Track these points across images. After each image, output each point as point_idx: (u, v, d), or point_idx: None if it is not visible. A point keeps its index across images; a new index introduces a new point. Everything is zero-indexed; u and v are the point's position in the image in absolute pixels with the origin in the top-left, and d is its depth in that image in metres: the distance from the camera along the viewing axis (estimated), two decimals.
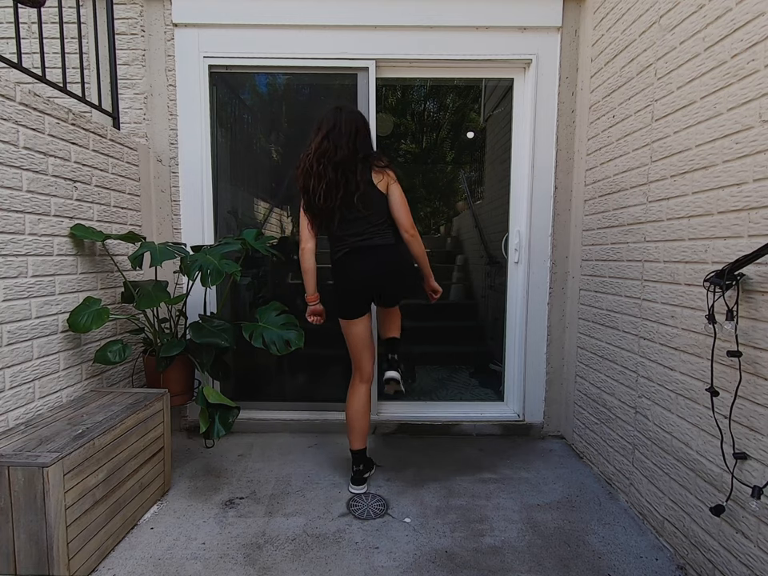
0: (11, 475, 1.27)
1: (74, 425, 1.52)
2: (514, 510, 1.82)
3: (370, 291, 1.85)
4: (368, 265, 1.80)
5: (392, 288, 1.87)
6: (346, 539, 1.63)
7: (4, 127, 1.50)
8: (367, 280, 1.81)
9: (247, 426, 2.52)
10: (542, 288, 2.47)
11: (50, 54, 2.10)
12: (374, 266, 1.80)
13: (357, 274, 1.81)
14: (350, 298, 1.85)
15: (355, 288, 1.83)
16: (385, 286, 1.84)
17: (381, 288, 1.85)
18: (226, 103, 2.60)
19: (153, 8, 2.32)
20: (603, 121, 2.08)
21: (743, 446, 1.27)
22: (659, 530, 1.64)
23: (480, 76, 2.54)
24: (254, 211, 2.84)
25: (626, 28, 1.89)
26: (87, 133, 1.92)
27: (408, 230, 1.81)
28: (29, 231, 1.61)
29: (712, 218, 1.40)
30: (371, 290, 1.85)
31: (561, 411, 2.52)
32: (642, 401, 1.76)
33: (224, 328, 1.96)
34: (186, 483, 2.00)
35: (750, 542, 1.24)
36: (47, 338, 1.70)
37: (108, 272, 2.05)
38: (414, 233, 1.82)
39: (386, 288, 1.85)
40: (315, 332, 2.07)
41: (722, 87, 1.37)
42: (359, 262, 1.80)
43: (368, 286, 1.83)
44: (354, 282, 1.82)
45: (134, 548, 1.58)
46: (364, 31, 2.33)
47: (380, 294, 1.87)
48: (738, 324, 1.27)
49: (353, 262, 1.81)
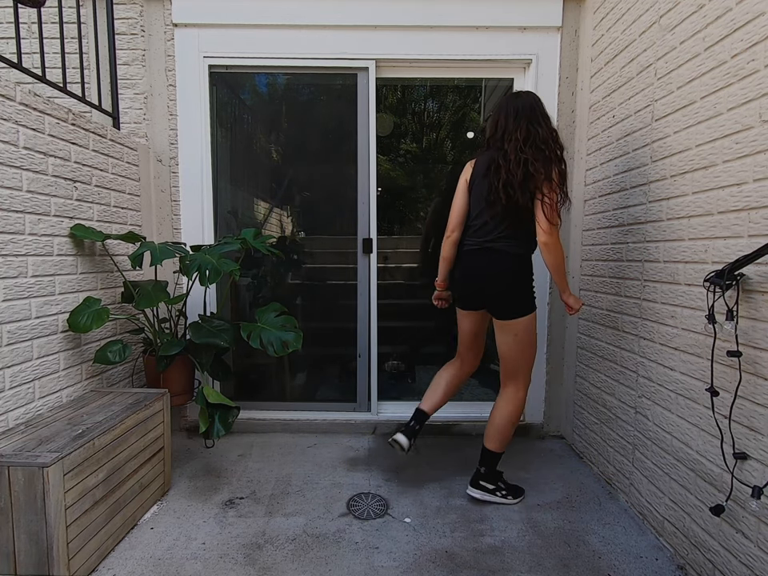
0: (11, 475, 1.27)
1: (74, 425, 1.52)
2: (513, 509, 1.82)
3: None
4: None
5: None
6: (346, 539, 1.63)
7: (4, 127, 1.50)
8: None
9: (247, 426, 2.51)
10: (542, 288, 2.47)
11: (50, 54, 2.10)
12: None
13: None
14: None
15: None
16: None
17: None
18: (226, 103, 2.60)
19: (153, 8, 2.32)
20: (603, 121, 2.08)
21: (743, 445, 1.27)
22: (659, 530, 1.64)
23: (480, 76, 2.54)
24: (254, 211, 2.84)
25: (625, 28, 1.89)
26: (87, 133, 1.92)
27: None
28: (29, 231, 1.61)
29: (712, 218, 1.40)
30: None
31: (561, 411, 2.51)
32: (642, 401, 1.76)
33: (223, 328, 1.96)
34: (186, 483, 2.00)
35: (750, 541, 1.24)
36: (47, 338, 1.70)
37: (108, 272, 2.05)
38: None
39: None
40: (315, 332, 2.07)
41: (722, 87, 1.36)
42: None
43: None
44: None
45: (134, 548, 1.58)
46: (364, 31, 2.33)
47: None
48: (737, 324, 1.27)
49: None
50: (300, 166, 2.74)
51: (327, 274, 2.77)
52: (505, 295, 1.71)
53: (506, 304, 1.72)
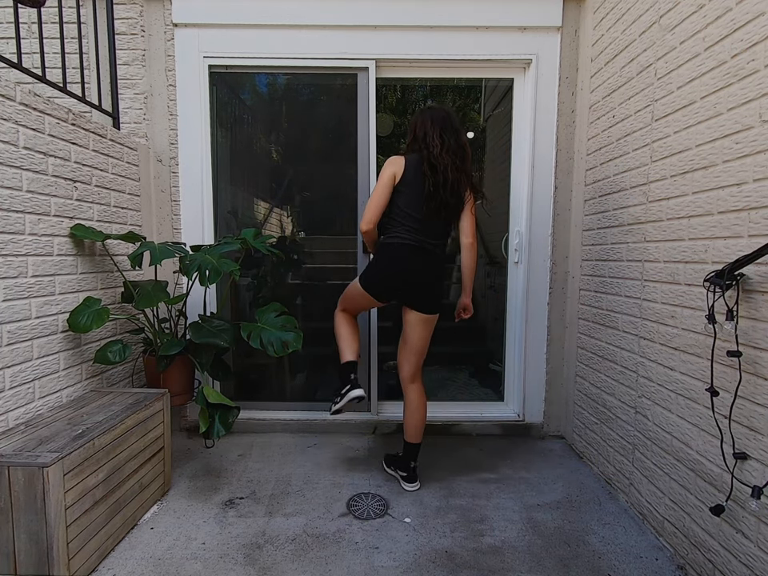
0: (11, 475, 1.27)
1: (74, 425, 1.52)
2: (514, 509, 1.82)
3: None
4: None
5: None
6: (346, 539, 1.63)
7: (4, 127, 1.50)
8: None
9: (247, 426, 2.52)
10: (542, 288, 2.47)
11: (50, 54, 2.10)
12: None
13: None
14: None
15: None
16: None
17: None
18: (226, 103, 2.60)
19: (153, 8, 2.32)
20: (603, 121, 2.08)
21: (743, 445, 1.27)
22: (659, 530, 1.64)
23: (480, 76, 2.54)
24: (254, 211, 2.84)
25: (626, 28, 1.89)
26: (87, 133, 1.92)
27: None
28: (29, 231, 1.61)
29: (712, 218, 1.40)
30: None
31: (561, 411, 2.52)
32: (642, 401, 1.76)
33: (223, 328, 1.96)
34: (186, 483, 2.00)
35: (750, 541, 1.24)
36: (47, 338, 1.70)
37: (108, 272, 2.05)
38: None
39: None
40: (315, 332, 2.08)
41: (722, 87, 1.37)
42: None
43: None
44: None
45: (134, 548, 1.58)
46: (364, 31, 2.33)
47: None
48: (737, 324, 1.27)
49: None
50: (300, 165, 2.74)
51: (327, 273, 2.77)
52: (434, 292, 1.87)
53: (433, 300, 1.88)
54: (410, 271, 1.82)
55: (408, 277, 1.82)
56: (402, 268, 1.82)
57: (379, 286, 1.88)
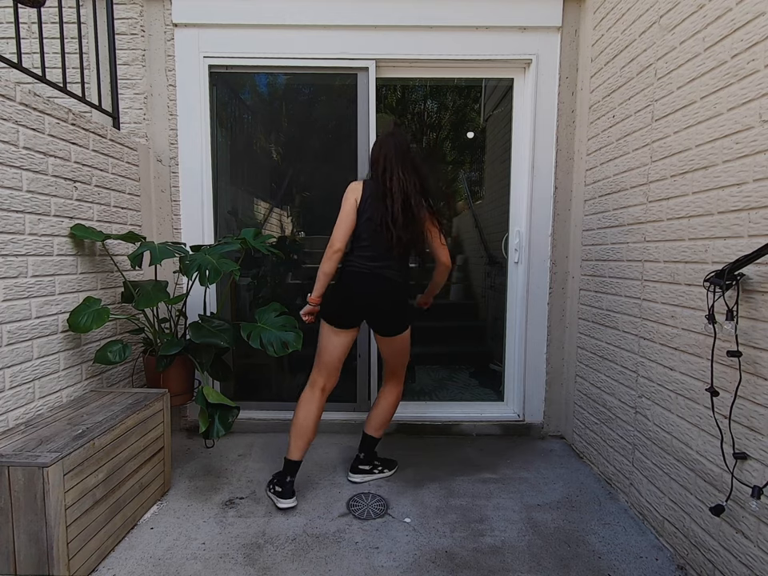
0: (11, 475, 1.27)
1: (74, 425, 1.52)
2: (514, 509, 1.82)
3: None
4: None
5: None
6: (346, 539, 1.63)
7: (4, 127, 1.50)
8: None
9: (247, 426, 2.52)
10: (542, 288, 2.47)
11: (50, 54, 2.11)
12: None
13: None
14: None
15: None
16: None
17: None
18: (226, 103, 2.60)
19: (153, 8, 2.32)
20: (603, 121, 2.08)
21: (743, 445, 1.27)
22: (659, 530, 1.64)
23: (480, 76, 2.54)
24: (254, 211, 2.84)
25: (626, 28, 1.89)
26: (87, 133, 1.92)
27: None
28: (29, 231, 1.61)
29: (712, 218, 1.40)
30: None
31: (561, 411, 2.52)
32: (642, 401, 1.76)
33: (223, 328, 1.96)
34: (186, 483, 2.00)
35: (750, 541, 1.24)
36: (47, 338, 1.70)
37: (108, 272, 2.05)
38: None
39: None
40: (315, 332, 2.07)
41: (722, 87, 1.37)
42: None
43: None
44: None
45: (134, 548, 1.58)
46: (364, 31, 2.33)
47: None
48: (737, 324, 1.27)
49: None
50: (300, 165, 2.75)
51: None
52: (394, 317, 1.86)
53: (394, 324, 1.87)
54: (365, 295, 1.80)
55: (363, 301, 1.81)
56: (357, 292, 1.80)
57: (339, 310, 1.83)
